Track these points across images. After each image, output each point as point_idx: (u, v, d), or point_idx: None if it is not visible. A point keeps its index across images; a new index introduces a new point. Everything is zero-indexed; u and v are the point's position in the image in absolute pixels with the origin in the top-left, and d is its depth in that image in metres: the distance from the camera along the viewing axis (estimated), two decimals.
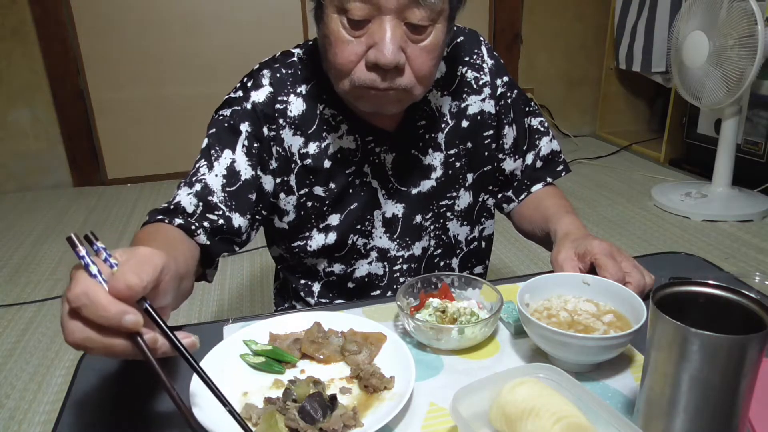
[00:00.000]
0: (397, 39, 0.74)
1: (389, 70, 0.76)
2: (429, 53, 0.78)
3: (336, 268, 0.96)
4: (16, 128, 3.08)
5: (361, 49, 0.76)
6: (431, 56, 0.78)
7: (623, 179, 3.12)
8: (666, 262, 0.94)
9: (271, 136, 0.88)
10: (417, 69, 0.78)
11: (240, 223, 0.85)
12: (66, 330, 0.48)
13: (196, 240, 0.80)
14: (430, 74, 0.81)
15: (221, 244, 0.84)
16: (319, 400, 0.59)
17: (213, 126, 0.89)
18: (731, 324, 0.49)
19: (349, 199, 0.92)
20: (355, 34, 0.76)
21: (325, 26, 0.78)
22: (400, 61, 0.75)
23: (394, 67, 0.75)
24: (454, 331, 0.69)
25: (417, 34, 0.76)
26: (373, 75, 0.77)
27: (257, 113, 0.87)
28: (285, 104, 0.89)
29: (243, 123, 0.87)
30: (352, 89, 0.80)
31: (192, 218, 0.81)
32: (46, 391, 1.58)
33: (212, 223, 0.82)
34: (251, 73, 0.91)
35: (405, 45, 0.76)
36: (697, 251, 2.17)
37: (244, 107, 0.87)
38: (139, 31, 3.04)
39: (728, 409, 0.49)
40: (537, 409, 0.51)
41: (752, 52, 2.24)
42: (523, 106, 1.03)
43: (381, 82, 0.77)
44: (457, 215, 0.99)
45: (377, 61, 0.75)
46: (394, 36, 0.74)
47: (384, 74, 0.77)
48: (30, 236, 2.61)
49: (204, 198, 0.83)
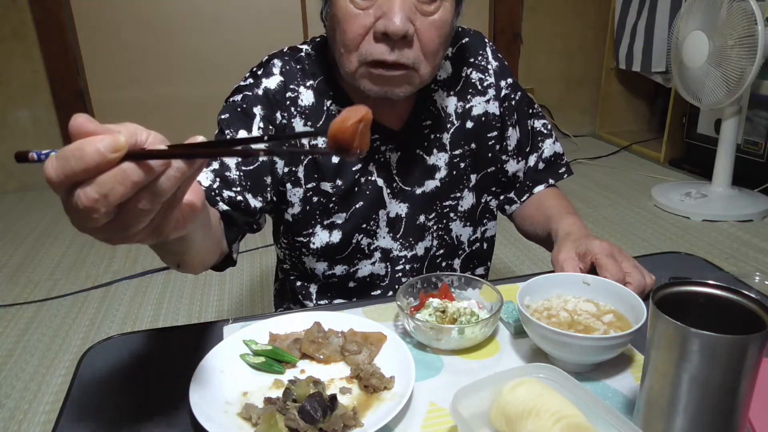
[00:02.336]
0: (406, 9, 0.75)
1: (397, 41, 0.76)
2: (437, 29, 0.78)
3: (337, 269, 0.96)
4: (16, 128, 3.08)
5: (369, 21, 0.76)
6: (439, 32, 0.78)
7: (623, 179, 3.12)
8: (666, 262, 0.94)
9: (283, 123, 0.87)
10: (425, 44, 0.78)
11: (255, 204, 0.84)
12: (71, 211, 0.41)
13: (218, 208, 0.79)
14: (436, 51, 0.80)
15: (242, 216, 0.83)
16: (319, 400, 0.59)
17: (225, 111, 0.87)
18: (731, 324, 0.49)
19: (355, 197, 0.92)
20: (362, 6, 0.76)
21: (333, 5, 0.78)
22: (409, 30, 0.75)
23: (402, 37, 0.75)
24: (454, 331, 0.69)
25: (426, 6, 0.76)
26: (382, 46, 0.76)
27: (269, 99, 0.87)
28: (296, 93, 0.88)
29: (256, 107, 0.86)
30: (360, 65, 0.79)
31: (211, 191, 0.80)
32: (46, 391, 1.58)
33: (231, 198, 0.81)
34: (261, 64, 0.91)
35: (414, 17, 0.76)
36: (697, 251, 2.17)
37: (255, 93, 0.87)
38: (139, 31, 3.04)
39: (728, 409, 0.49)
40: (537, 409, 0.51)
41: (752, 52, 2.24)
42: (526, 108, 1.03)
43: (389, 54, 0.77)
44: (460, 216, 0.99)
45: (386, 29, 0.74)
46: (402, 5, 0.74)
47: (392, 45, 0.76)
48: (30, 236, 2.61)
49: (221, 174, 0.82)
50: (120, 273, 2.25)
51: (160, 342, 0.76)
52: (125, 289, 2.13)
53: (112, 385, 0.67)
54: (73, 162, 0.39)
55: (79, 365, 0.71)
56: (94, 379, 0.69)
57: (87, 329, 1.87)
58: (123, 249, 2.46)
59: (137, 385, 0.67)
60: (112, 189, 0.40)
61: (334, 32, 0.81)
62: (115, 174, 0.40)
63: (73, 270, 2.29)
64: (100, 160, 0.39)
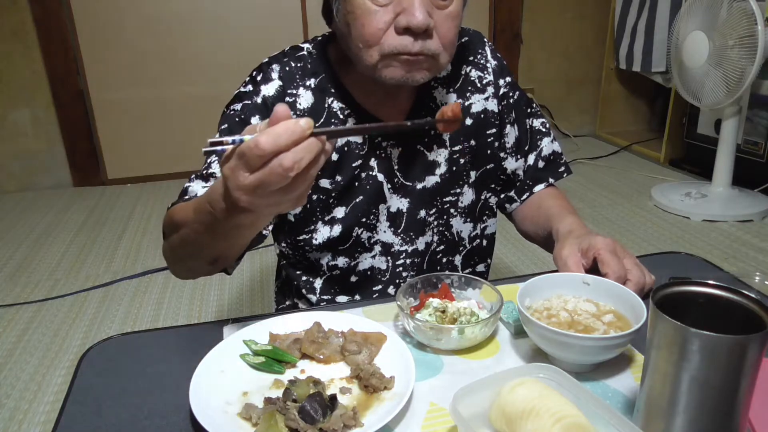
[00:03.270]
0: (425, 4, 0.78)
1: (420, 34, 0.79)
2: (453, 20, 0.82)
3: (340, 261, 0.97)
4: (16, 128, 3.08)
5: (389, 17, 0.79)
6: (455, 23, 0.82)
7: (623, 179, 3.12)
8: (666, 262, 0.94)
9: None
10: (443, 35, 0.81)
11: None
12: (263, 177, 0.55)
13: None
14: (453, 41, 0.84)
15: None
16: (319, 400, 0.59)
17: (225, 121, 0.90)
18: (731, 324, 0.49)
19: (354, 192, 0.93)
20: (380, 2, 0.78)
21: (350, 3, 0.80)
22: (430, 24, 0.78)
23: (424, 30, 0.78)
24: (454, 331, 0.69)
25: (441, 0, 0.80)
26: (406, 39, 0.79)
27: (268, 107, 0.89)
28: (294, 97, 0.90)
29: (254, 116, 0.88)
30: (381, 58, 0.81)
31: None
32: (46, 391, 1.59)
33: None
34: (260, 67, 0.92)
35: (431, 10, 0.79)
36: (697, 251, 2.17)
37: (254, 101, 0.89)
38: (139, 31, 3.04)
39: (728, 409, 0.49)
40: (537, 409, 0.51)
41: (752, 52, 2.24)
42: (524, 107, 1.04)
43: (413, 45, 0.79)
44: (460, 212, 1.00)
45: (409, 24, 0.77)
46: (422, 1, 0.77)
47: (415, 37, 0.79)
48: (30, 236, 2.61)
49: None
50: (120, 273, 2.25)
51: (160, 342, 0.76)
52: (125, 289, 2.13)
53: (112, 385, 0.67)
54: (285, 137, 0.55)
55: (79, 365, 0.71)
56: (94, 379, 0.69)
57: (87, 329, 1.88)
58: (123, 249, 2.46)
59: (137, 385, 0.67)
60: (303, 157, 0.55)
61: (348, 28, 0.82)
62: (306, 145, 0.56)
63: (73, 270, 2.29)
64: (302, 134, 0.55)
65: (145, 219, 2.78)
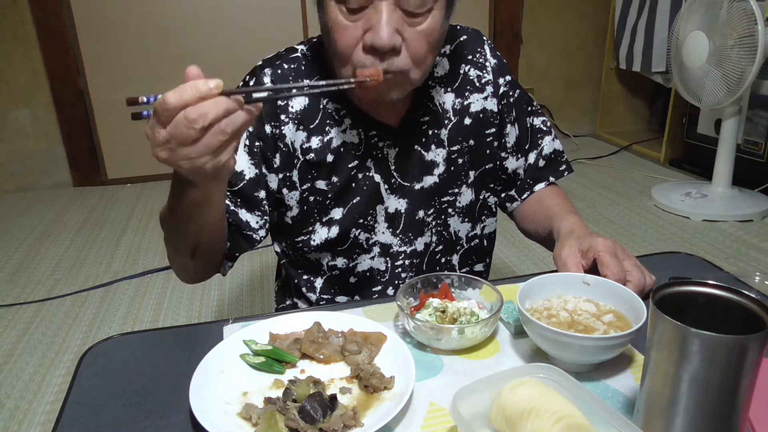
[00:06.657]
0: (393, 22, 0.76)
1: (386, 52, 0.77)
2: (426, 36, 0.79)
3: (339, 261, 0.96)
4: (16, 128, 3.08)
5: (359, 33, 0.77)
6: (428, 39, 0.80)
7: (623, 179, 3.12)
8: (666, 262, 0.94)
9: (275, 133, 0.90)
10: (413, 52, 0.79)
11: (248, 218, 0.89)
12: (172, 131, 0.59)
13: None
14: (425, 58, 0.82)
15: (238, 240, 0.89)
16: (319, 400, 0.59)
17: None
18: (731, 324, 0.49)
19: (351, 193, 0.93)
20: (352, 18, 0.77)
21: (325, 14, 0.80)
22: (396, 43, 0.77)
23: (390, 49, 0.77)
24: (454, 331, 0.69)
25: (413, 18, 0.78)
26: (371, 57, 0.78)
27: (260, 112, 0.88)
28: (287, 99, 0.90)
29: None
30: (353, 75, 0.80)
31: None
32: (46, 391, 1.59)
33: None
34: (253, 71, 0.92)
35: (402, 28, 0.77)
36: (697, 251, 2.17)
37: None
38: (139, 31, 3.04)
39: (728, 409, 0.49)
40: (537, 409, 0.51)
41: (752, 52, 2.24)
42: (525, 106, 1.03)
43: (379, 64, 0.78)
44: (458, 212, 0.99)
45: (373, 43, 0.76)
46: (389, 19, 0.75)
47: (381, 56, 0.78)
48: (30, 236, 2.61)
49: None
50: (120, 273, 2.25)
51: (160, 342, 0.76)
52: (125, 289, 2.13)
53: (112, 385, 0.67)
54: (190, 92, 0.58)
55: (79, 365, 0.71)
56: (94, 379, 0.69)
57: (87, 329, 1.88)
58: (123, 249, 2.46)
59: (137, 385, 0.67)
60: (208, 111, 0.59)
61: (328, 40, 0.82)
62: (213, 102, 0.59)
63: (73, 270, 2.29)
64: (207, 91, 0.59)
65: (145, 219, 2.78)
